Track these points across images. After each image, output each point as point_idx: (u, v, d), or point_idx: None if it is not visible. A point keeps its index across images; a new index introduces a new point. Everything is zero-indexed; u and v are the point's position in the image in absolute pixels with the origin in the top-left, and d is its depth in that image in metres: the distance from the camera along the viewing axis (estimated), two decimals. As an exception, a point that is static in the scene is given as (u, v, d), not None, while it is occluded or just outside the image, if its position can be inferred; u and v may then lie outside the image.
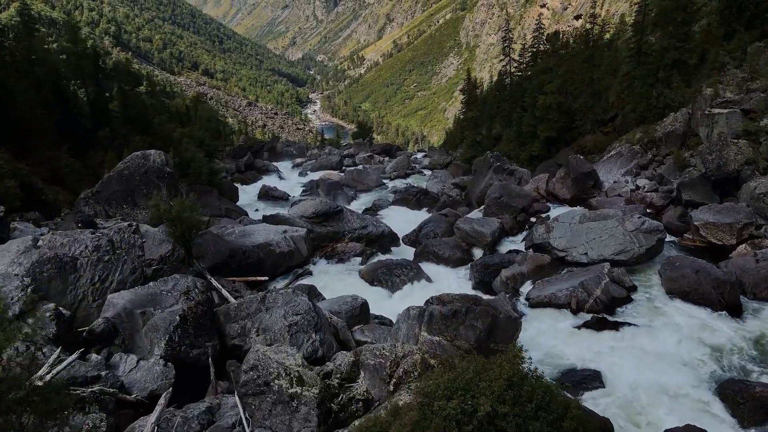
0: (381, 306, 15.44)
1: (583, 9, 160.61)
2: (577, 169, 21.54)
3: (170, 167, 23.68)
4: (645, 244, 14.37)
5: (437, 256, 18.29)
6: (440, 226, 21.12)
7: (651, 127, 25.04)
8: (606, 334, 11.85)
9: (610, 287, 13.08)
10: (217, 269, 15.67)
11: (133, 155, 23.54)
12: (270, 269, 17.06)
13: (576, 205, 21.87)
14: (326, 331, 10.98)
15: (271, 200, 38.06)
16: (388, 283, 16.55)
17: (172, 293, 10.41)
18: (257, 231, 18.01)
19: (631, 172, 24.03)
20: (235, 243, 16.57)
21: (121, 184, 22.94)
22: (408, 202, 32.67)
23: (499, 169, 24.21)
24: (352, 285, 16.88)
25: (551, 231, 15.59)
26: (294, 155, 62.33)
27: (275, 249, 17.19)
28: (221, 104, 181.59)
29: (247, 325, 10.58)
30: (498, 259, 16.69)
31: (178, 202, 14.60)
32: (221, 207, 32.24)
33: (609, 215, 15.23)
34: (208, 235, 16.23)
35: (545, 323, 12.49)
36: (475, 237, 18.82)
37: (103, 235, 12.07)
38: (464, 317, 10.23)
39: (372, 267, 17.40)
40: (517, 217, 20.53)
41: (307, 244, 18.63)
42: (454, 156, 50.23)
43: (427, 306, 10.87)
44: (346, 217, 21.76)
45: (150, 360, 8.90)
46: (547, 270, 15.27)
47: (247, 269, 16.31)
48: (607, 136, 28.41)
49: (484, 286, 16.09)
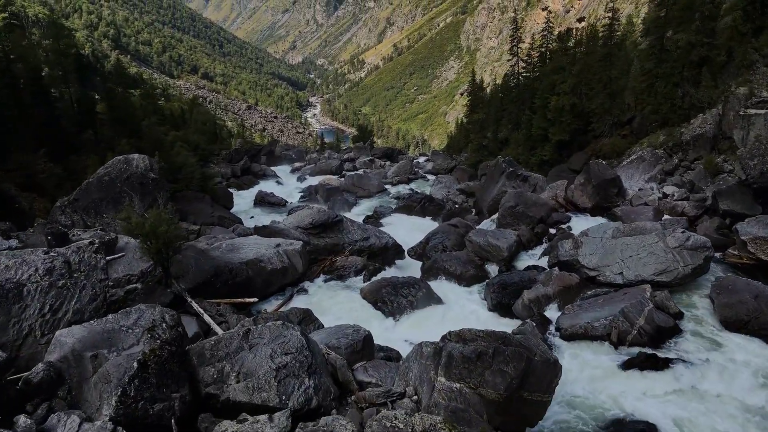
0: (386, 333, 13.55)
1: (586, 11, 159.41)
2: (599, 176, 19.68)
3: (155, 172, 21.83)
4: (690, 263, 12.47)
5: (448, 273, 16.39)
6: (449, 238, 19.22)
7: (675, 129, 23.20)
8: (657, 375, 9.94)
9: (654, 315, 11.17)
10: (199, 290, 13.77)
11: (114, 160, 21.71)
12: (260, 288, 15.15)
13: (598, 214, 20.00)
14: (322, 373, 9.08)
15: (267, 206, 36.28)
16: (393, 305, 14.64)
17: (134, 330, 8.50)
18: (247, 245, 16.11)
19: (656, 178, 22.16)
20: (221, 259, 14.66)
21: (101, 191, 21.08)
22: (412, 209, 30.81)
23: (513, 175, 22.33)
24: (353, 307, 14.99)
25: (580, 247, 13.69)
26: (293, 159, 60.52)
27: (267, 265, 15.28)
28: (220, 108, 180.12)
29: (225, 368, 8.66)
30: (517, 278, 14.79)
31: (154, 213, 12.72)
32: (214, 214, 30.38)
33: (647, 229, 13.34)
34: (190, 250, 14.33)
35: (582, 360, 10.58)
36: (490, 251, 16.93)
37: (59, 255, 10.18)
38: (491, 360, 8.32)
39: (375, 285, 15.49)
40: (535, 228, 18.64)
41: (302, 258, 16.73)
42: (458, 160, 48.41)
43: (444, 343, 8.95)
44: (346, 228, 19.88)
45: (96, 423, 6.98)
46: (575, 291, 13.37)
47: (234, 289, 14.40)
48: (625, 140, 26.56)
49: (502, 309, 14.20)
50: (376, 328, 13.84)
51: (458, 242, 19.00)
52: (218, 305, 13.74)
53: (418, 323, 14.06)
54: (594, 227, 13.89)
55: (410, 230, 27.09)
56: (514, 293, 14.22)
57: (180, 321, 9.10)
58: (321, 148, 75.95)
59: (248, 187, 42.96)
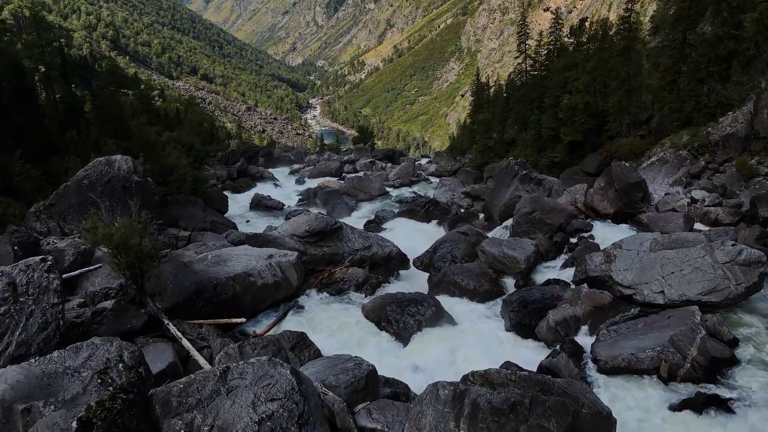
0: (391, 359, 11.88)
1: (589, 12, 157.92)
2: (622, 179, 18.02)
3: (139, 175, 20.19)
4: (743, 281, 10.79)
5: (459, 288, 14.71)
6: (459, 248, 17.55)
7: (701, 129, 21.55)
8: (719, 419, 8.26)
9: (708, 344, 9.50)
10: (179, 309, 12.10)
11: (95, 161, 20.05)
12: (250, 306, 13.48)
13: (621, 221, 18.33)
14: (316, 422, 7.40)
15: (264, 210, 34.77)
16: (399, 325, 12.96)
17: (81, 374, 6.82)
18: (235, 256, 14.43)
19: (680, 181, 20.51)
20: (205, 274, 12.97)
21: (79, 195, 19.41)
22: (415, 213, 29.17)
23: (526, 179, 20.67)
24: (354, 327, 13.31)
25: (613, 261, 12.01)
26: (292, 161, 58.93)
27: (257, 280, 13.60)
28: (220, 109, 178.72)
29: (195, 421, 6.97)
30: (538, 294, 13.11)
31: (125, 223, 11.04)
32: (206, 219, 28.77)
33: (690, 241, 11.66)
34: (170, 263, 12.66)
35: (628, 400, 8.89)
36: (506, 263, 15.26)
37: (2, 276, 8.51)
38: (528, 413, 6.64)
39: (379, 302, 13.81)
40: (554, 237, 16.96)
41: (297, 271, 15.05)
42: (462, 162, 46.79)
43: (466, 387, 7.27)
44: (346, 236, 18.21)
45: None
46: (608, 312, 11.69)
47: (219, 308, 12.72)
48: (644, 140, 24.89)
49: (522, 330, 12.52)
50: (380, 352, 12.21)
51: (469, 252, 17.34)
52: (200, 327, 12.06)
53: (428, 346, 12.39)
54: (628, 238, 12.21)
55: (414, 236, 25.46)
56: (537, 312, 12.56)
57: (142, 359, 7.43)
58: (320, 150, 74.31)
59: (245, 190, 41.49)
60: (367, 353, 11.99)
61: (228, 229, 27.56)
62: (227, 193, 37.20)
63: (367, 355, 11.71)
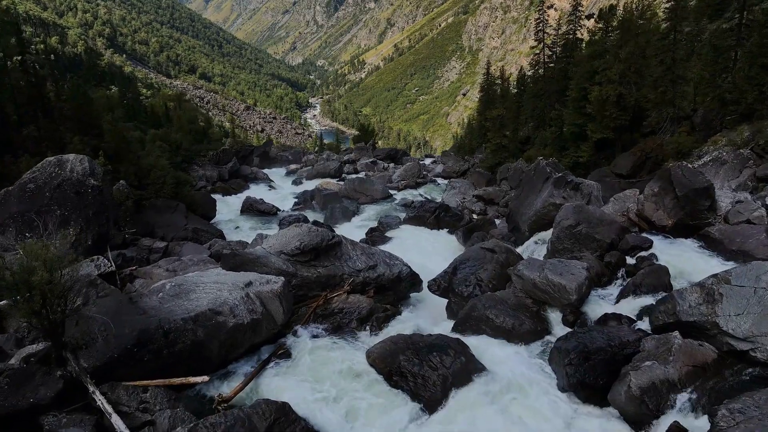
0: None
1: (595, 8, 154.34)
2: (685, 184, 14.65)
3: (97, 178, 16.81)
4: None
5: (492, 326, 11.35)
6: (485, 268, 14.16)
7: (766, 123, 18.19)
8: None
9: None
10: (115, 368, 8.74)
11: (44, 162, 16.60)
12: (218, 355, 10.10)
13: (682, 235, 14.96)
14: None
15: (256, 215, 31.59)
16: (417, 381, 9.61)
17: None
18: (202, 285, 11.03)
19: (746, 186, 17.20)
20: (156, 314, 9.59)
21: (23, 202, 15.96)
22: (424, 220, 25.88)
23: (561, 182, 17.27)
24: (357, 384, 9.93)
25: (718, 302, 8.63)
26: (289, 161, 55.58)
27: (227, 320, 10.22)
28: (218, 108, 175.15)
29: None
30: (602, 340, 9.71)
31: (28, 249, 7.67)
32: (188, 227, 25.47)
33: (830, 274, 8.31)
34: (107, 302, 9.29)
35: None
36: (550, 292, 11.91)
37: None
38: None
39: (389, 347, 10.45)
40: (605, 256, 13.60)
41: (283, 303, 11.68)
42: (471, 162, 43.43)
43: None
44: (345, 253, 14.85)
45: None
46: (713, 374, 8.33)
47: (173, 360, 9.34)
48: (690, 137, 21.53)
49: (585, 392, 9.18)
50: (396, 425, 8.87)
51: (497, 274, 13.97)
52: (144, 391, 8.70)
53: (459, 414, 9.06)
54: (739, 270, 8.80)
55: (425, 248, 22.27)
56: (603, 367, 9.23)
57: None
58: (320, 149, 70.91)
59: (236, 192, 38.27)
60: (378, 426, 8.69)
61: (213, 237, 24.30)
62: (217, 196, 33.97)
63: (380, 430, 8.46)
